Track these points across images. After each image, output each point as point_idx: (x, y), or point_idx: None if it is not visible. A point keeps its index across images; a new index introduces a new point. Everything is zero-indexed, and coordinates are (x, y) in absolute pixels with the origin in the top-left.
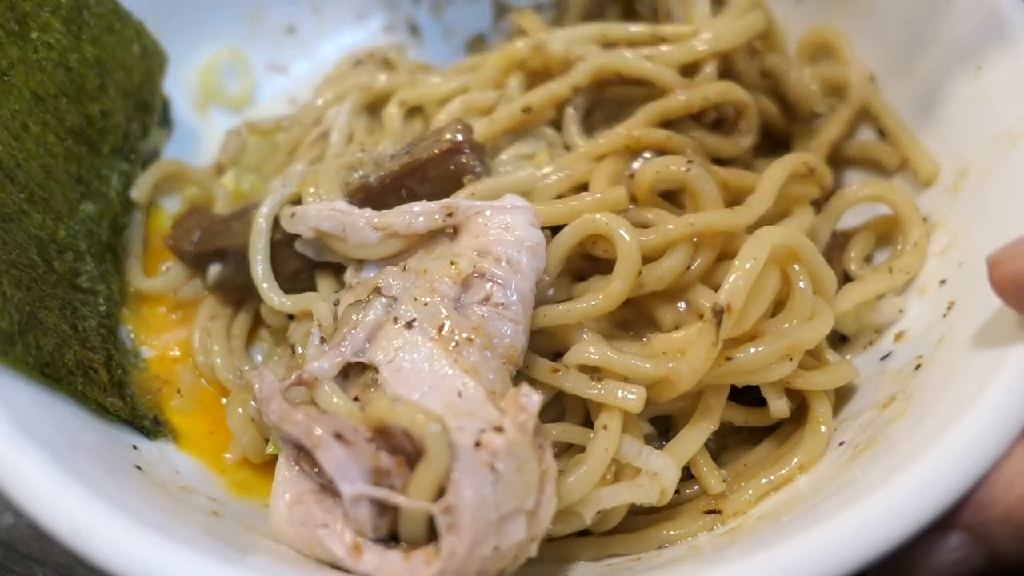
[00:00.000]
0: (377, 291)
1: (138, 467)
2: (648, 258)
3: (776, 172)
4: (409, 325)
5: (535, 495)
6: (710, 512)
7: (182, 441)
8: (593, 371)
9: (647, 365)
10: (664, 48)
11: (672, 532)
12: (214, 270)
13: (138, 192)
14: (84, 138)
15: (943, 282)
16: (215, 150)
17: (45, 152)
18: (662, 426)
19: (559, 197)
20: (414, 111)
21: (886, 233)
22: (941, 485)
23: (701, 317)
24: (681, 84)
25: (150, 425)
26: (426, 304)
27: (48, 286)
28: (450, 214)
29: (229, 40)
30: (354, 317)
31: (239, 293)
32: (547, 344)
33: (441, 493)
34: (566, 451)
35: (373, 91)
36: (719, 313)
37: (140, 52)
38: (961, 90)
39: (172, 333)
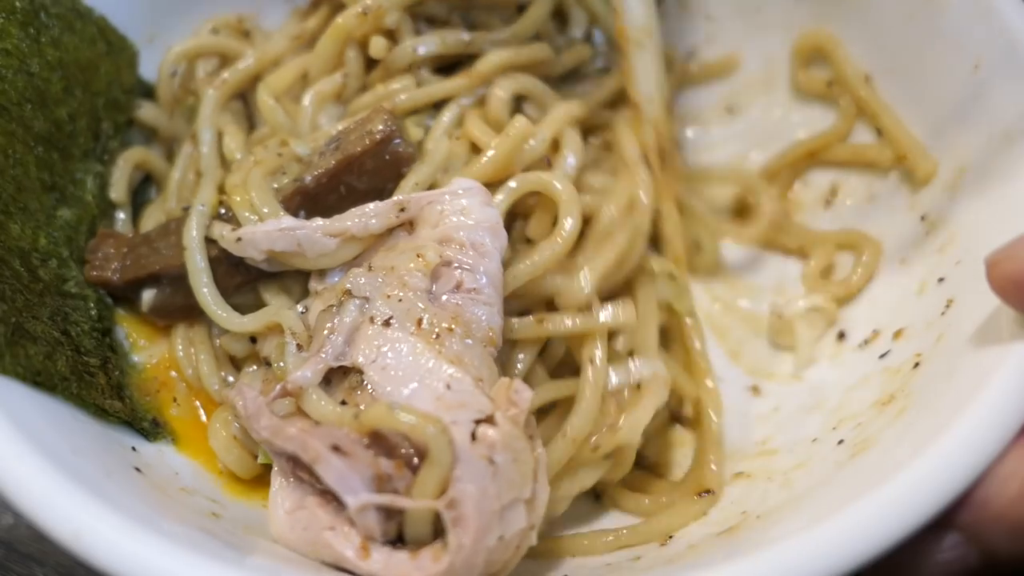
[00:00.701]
0: (348, 293)
1: (137, 469)
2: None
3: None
4: (387, 323)
5: (531, 484)
6: (703, 493)
7: (181, 443)
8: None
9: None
10: None
11: (673, 520)
12: (148, 295)
13: (117, 193)
14: (54, 144)
15: (941, 280)
16: None
17: (14, 162)
18: None
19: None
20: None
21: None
22: (940, 483)
23: None
24: None
25: (149, 427)
26: (400, 300)
27: (35, 295)
28: (403, 209)
29: None
30: (329, 323)
31: (179, 315)
32: (515, 306)
33: (443, 490)
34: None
35: (231, 83)
36: None
37: (105, 49)
38: (959, 88)
39: (157, 346)
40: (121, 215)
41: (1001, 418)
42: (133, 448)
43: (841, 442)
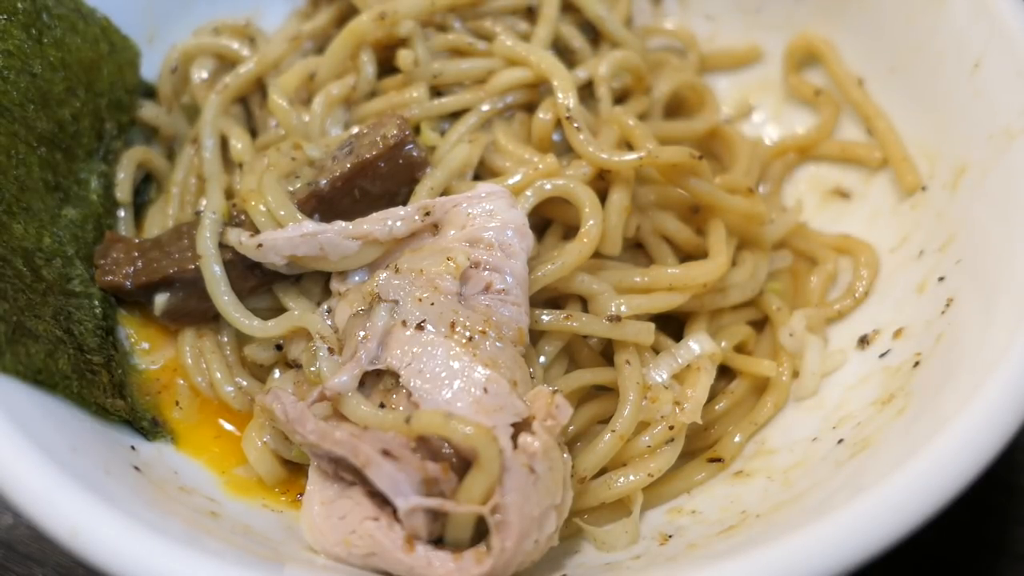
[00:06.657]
0: (376, 297)
1: (136, 468)
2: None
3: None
4: (420, 327)
5: (561, 491)
6: (712, 460)
7: (180, 442)
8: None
9: (675, 298)
10: None
11: (682, 483)
12: (160, 299)
13: (122, 193)
14: (57, 144)
15: (941, 279)
16: None
17: (17, 163)
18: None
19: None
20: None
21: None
22: (939, 483)
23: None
24: None
25: (149, 426)
26: (432, 304)
27: (37, 294)
28: (427, 213)
29: None
30: (361, 328)
31: (191, 318)
32: (539, 296)
33: (488, 496)
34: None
35: (233, 87)
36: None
37: (108, 50)
38: (959, 87)
39: (161, 351)
40: (122, 213)
41: (1000, 418)
42: (132, 447)
43: (841, 441)
